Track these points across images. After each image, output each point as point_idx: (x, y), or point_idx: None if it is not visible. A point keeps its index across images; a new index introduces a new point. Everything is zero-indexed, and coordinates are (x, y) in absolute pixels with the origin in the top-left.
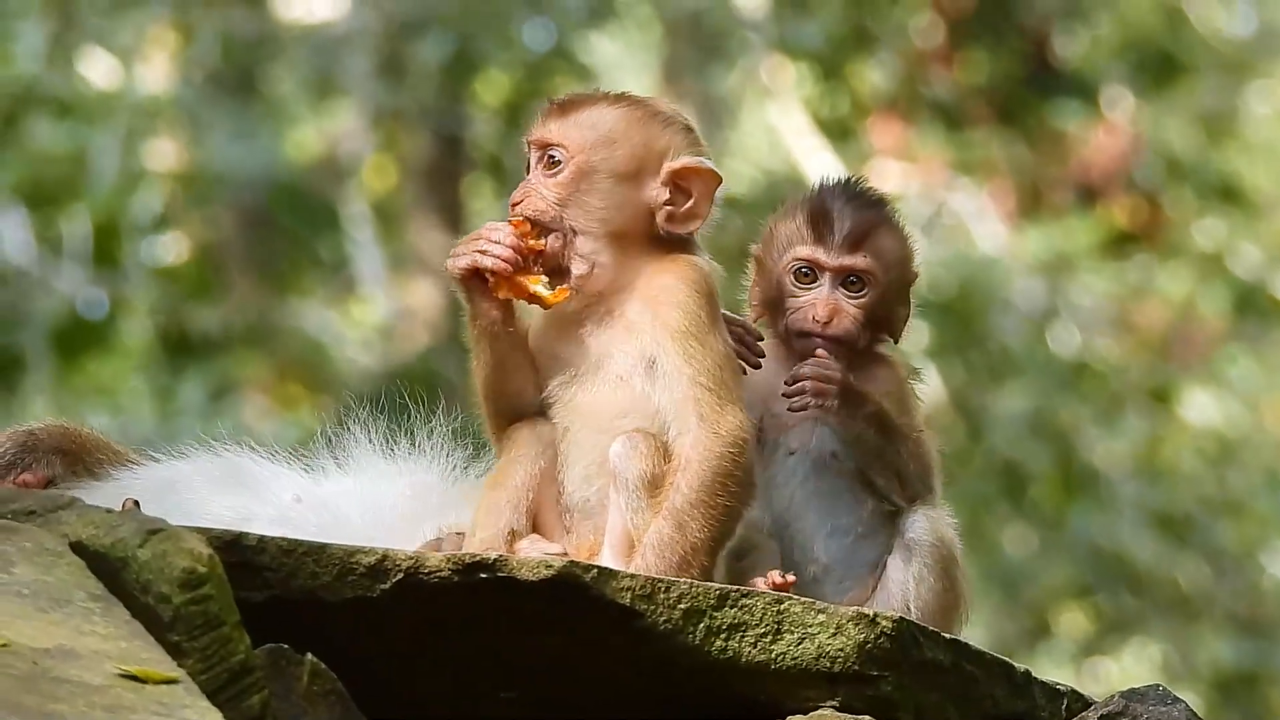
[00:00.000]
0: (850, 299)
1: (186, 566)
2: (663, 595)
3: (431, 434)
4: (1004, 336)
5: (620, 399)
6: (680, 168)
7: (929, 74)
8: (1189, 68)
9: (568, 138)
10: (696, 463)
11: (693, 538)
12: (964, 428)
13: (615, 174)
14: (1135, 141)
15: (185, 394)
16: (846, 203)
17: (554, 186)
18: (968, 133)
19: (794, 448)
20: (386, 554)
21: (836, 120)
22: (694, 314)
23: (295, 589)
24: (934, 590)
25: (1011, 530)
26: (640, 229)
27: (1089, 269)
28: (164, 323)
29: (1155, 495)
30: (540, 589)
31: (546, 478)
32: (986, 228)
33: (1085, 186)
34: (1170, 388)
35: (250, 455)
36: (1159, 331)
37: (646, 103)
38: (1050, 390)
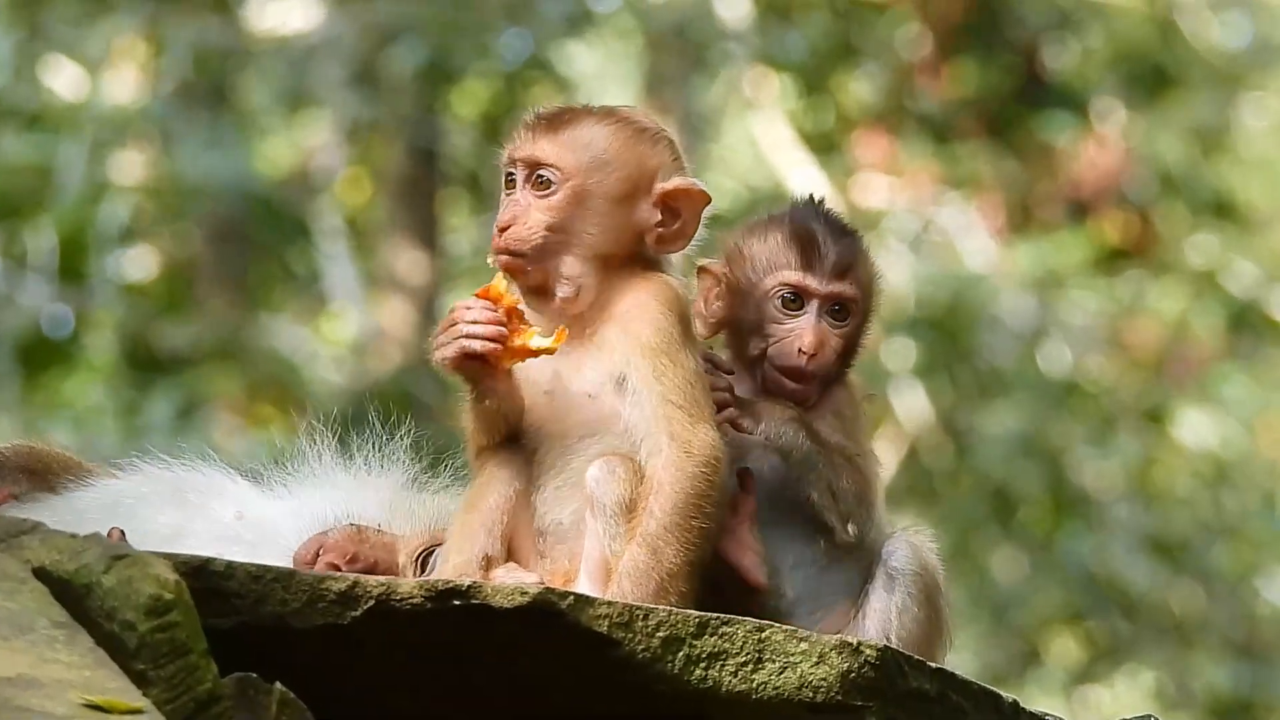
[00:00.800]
0: (834, 327)
1: (152, 593)
2: (641, 623)
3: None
4: (993, 355)
5: (589, 417)
6: (673, 189)
7: (916, 86)
8: (1181, 80)
9: (562, 159)
10: (669, 485)
11: (668, 563)
12: (952, 448)
13: (610, 197)
14: (1127, 156)
15: (152, 411)
16: (829, 228)
17: (546, 210)
18: (955, 147)
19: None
20: (358, 580)
21: (821, 134)
22: (665, 331)
23: (264, 616)
24: (917, 619)
25: (1000, 554)
26: (626, 250)
27: (1079, 286)
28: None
29: (1148, 518)
30: (515, 616)
31: (521, 500)
32: (975, 243)
33: (1076, 201)
34: (1163, 408)
35: (200, 471)
36: (1151, 350)
37: (634, 119)
38: (1040, 410)
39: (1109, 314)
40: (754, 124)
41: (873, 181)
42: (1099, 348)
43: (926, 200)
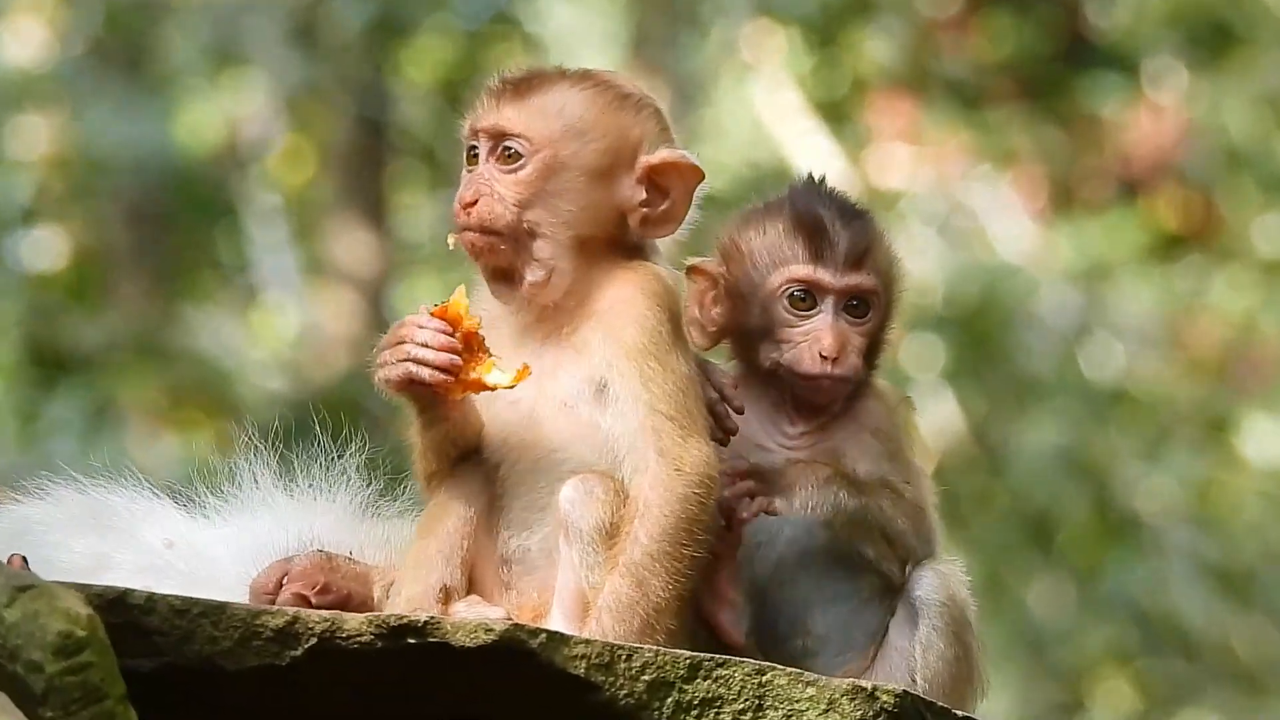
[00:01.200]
0: (854, 325)
1: (62, 630)
2: (623, 664)
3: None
4: (1031, 357)
5: (563, 430)
6: (659, 163)
7: (941, 45)
8: (1249, 40)
9: (530, 127)
10: (657, 507)
11: (656, 596)
12: (984, 464)
13: (587, 171)
14: (1185, 126)
15: (57, 416)
16: (837, 210)
17: (514, 185)
18: (987, 115)
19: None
20: (298, 615)
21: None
22: (653, 330)
23: (190, 655)
24: (944, 658)
25: (1040, 585)
26: (606, 233)
27: (1131, 277)
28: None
29: (1209, 544)
30: (479, 656)
31: (483, 523)
32: (1010, 228)
33: (1126, 179)
34: (1227, 418)
35: (122, 492)
36: (1214, 351)
37: (615, 83)
38: (1085, 421)
39: (1165, 309)
40: (754, 89)
41: (892, 155)
42: (1153, 348)
43: (954, 177)
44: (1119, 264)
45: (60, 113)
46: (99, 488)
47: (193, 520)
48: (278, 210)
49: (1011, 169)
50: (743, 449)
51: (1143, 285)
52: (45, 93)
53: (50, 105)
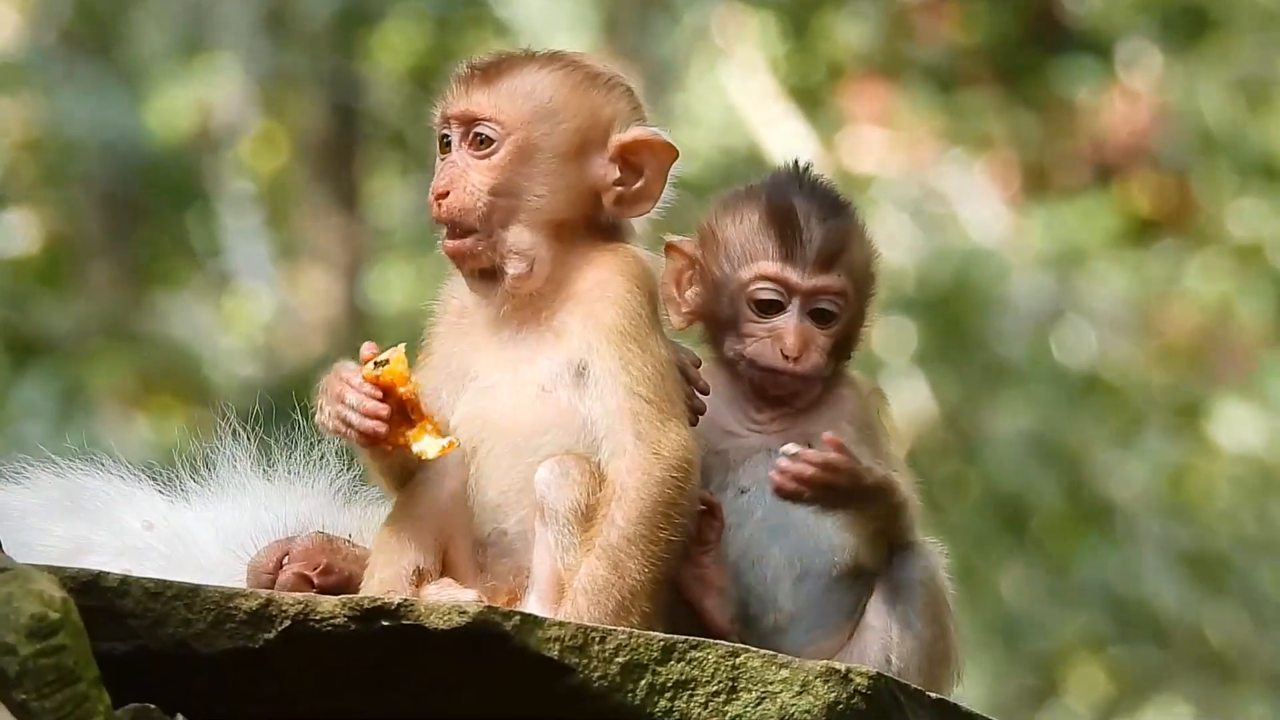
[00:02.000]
0: (821, 327)
1: (35, 612)
2: (597, 647)
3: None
4: (1003, 342)
5: (541, 415)
6: (631, 141)
7: (915, 29)
8: (1224, 23)
9: (501, 110)
10: (634, 490)
11: (631, 580)
12: (956, 450)
13: (559, 152)
14: (1159, 110)
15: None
16: (814, 206)
17: (487, 171)
18: (961, 99)
19: (746, 485)
20: (271, 598)
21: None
22: (634, 312)
23: (164, 638)
24: (921, 639)
25: (1012, 572)
26: (582, 214)
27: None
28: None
29: (1182, 532)
30: (453, 639)
31: (457, 504)
32: (983, 212)
33: (1100, 163)
34: (1201, 404)
35: (99, 475)
36: (1188, 337)
37: (584, 64)
38: (1058, 407)
39: (1138, 295)
40: (727, 74)
41: (865, 140)
42: (1126, 334)
43: (927, 162)
44: (1092, 249)
45: (32, 98)
46: (76, 471)
47: (172, 502)
48: (250, 196)
49: (985, 153)
50: (711, 434)
51: (1116, 270)
52: (16, 78)
53: (22, 90)
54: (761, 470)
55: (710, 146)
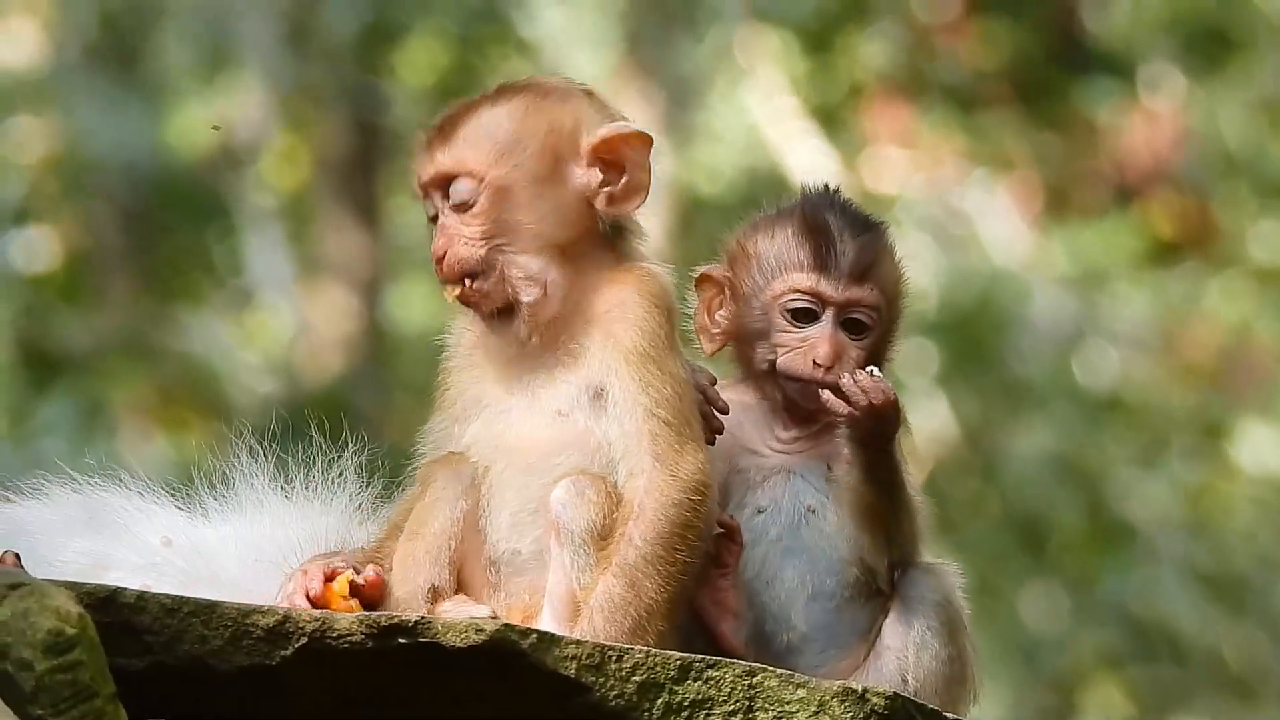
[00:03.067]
0: (853, 338)
1: (52, 628)
2: (614, 665)
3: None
4: (1024, 363)
5: (557, 437)
6: (602, 140)
7: (937, 49)
8: (1244, 46)
9: (466, 161)
10: (652, 511)
11: (648, 598)
12: (977, 469)
13: (536, 177)
14: (1181, 131)
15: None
16: (845, 221)
17: (474, 221)
18: (982, 119)
19: (764, 505)
20: (289, 614)
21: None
22: (652, 333)
23: (181, 654)
24: (938, 658)
25: (1032, 591)
26: (583, 228)
27: (1125, 283)
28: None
29: (1202, 551)
30: (469, 656)
31: (470, 524)
32: (1004, 232)
33: (1121, 185)
34: (1221, 425)
35: (118, 491)
36: (1209, 357)
37: (532, 84)
38: (1079, 427)
39: (1159, 316)
40: (748, 93)
41: (886, 160)
42: (1147, 355)
43: (949, 182)
44: (1114, 270)
45: (53, 114)
46: (95, 487)
47: (191, 518)
48: (271, 212)
49: (1006, 174)
50: (734, 453)
51: (1137, 291)
52: (38, 94)
53: (43, 107)
54: (780, 490)
55: (732, 165)
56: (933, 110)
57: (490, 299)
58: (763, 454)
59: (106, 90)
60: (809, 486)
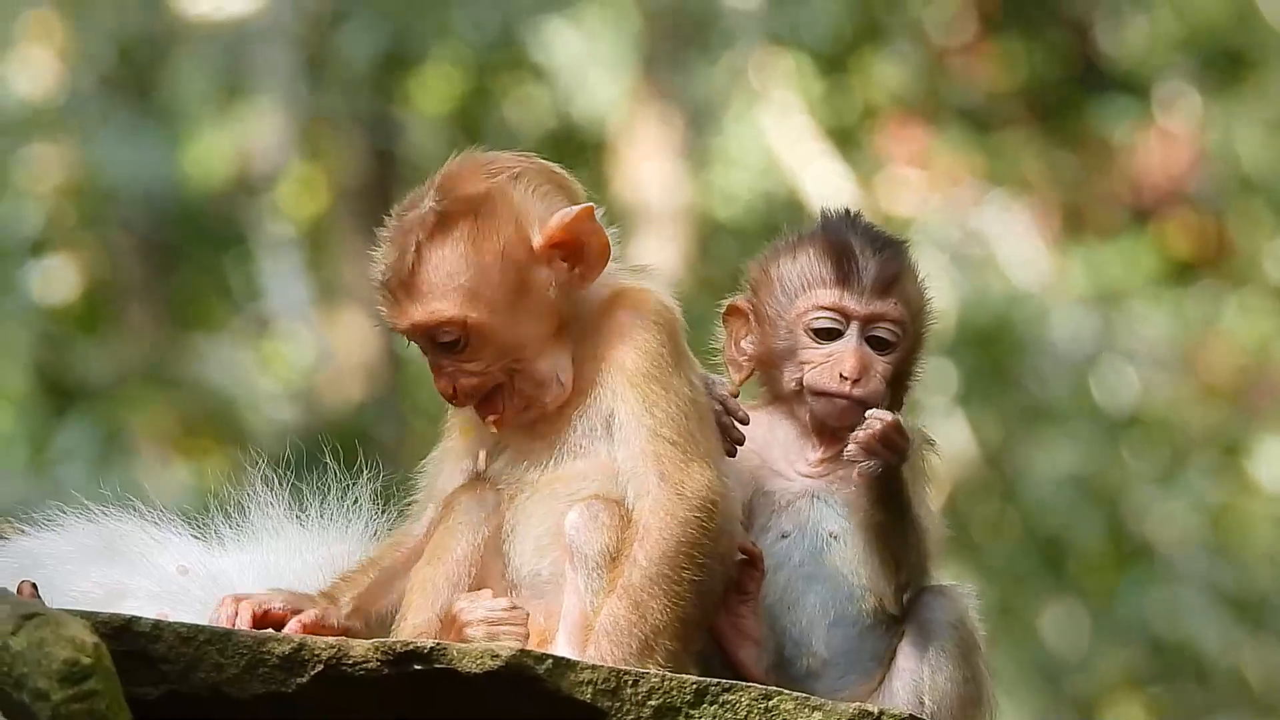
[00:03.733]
0: (879, 353)
1: (68, 657)
2: (630, 690)
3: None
4: (1043, 382)
5: (579, 465)
6: (549, 239)
7: (953, 70)
8: (1260, 66)
9: (441, 312)
10: (656, 530)
11: (654, 619)
12: (997, 489)
13: (509, 304)
14: (1197, 151)
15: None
16: (867, 240)
17: (469, 360)
18: (999, 140)
19: (788, 530)
20: (304, 642)
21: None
22: (654, 353)
23: (196, 683)
24: (953, 680)
25: (1053, 611)
26: (569, 307)
27: (1143, 302)
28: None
29: (1223, 570)
30: (485, 682)
31: (491, 548)
32: (1022, 253)
33: (1138, 204)
34: (1241, 443)
35: (133, 520)
36: (1227, 376)
37: (459, 195)
38: (1098, 446)
39: (1177, 335)
40: (764, 116)
41: (903, 181)
42: (1166, 374)
43: (966, 203)
44: (1131, 289)
45: (70, 143)
46: (111, 516)
47: (207, 547)
48: (288, 240)
49: (1023, 194)
50: (761, 476)
51: (1155, 310)
52: (55, 123)
53: (60, 136)
54: (805, 515)
55: (748, 188)
56: (948, 131)
57: (514, 409)
58: (789, 477)
59: (123, 119)
60: (833, 512)
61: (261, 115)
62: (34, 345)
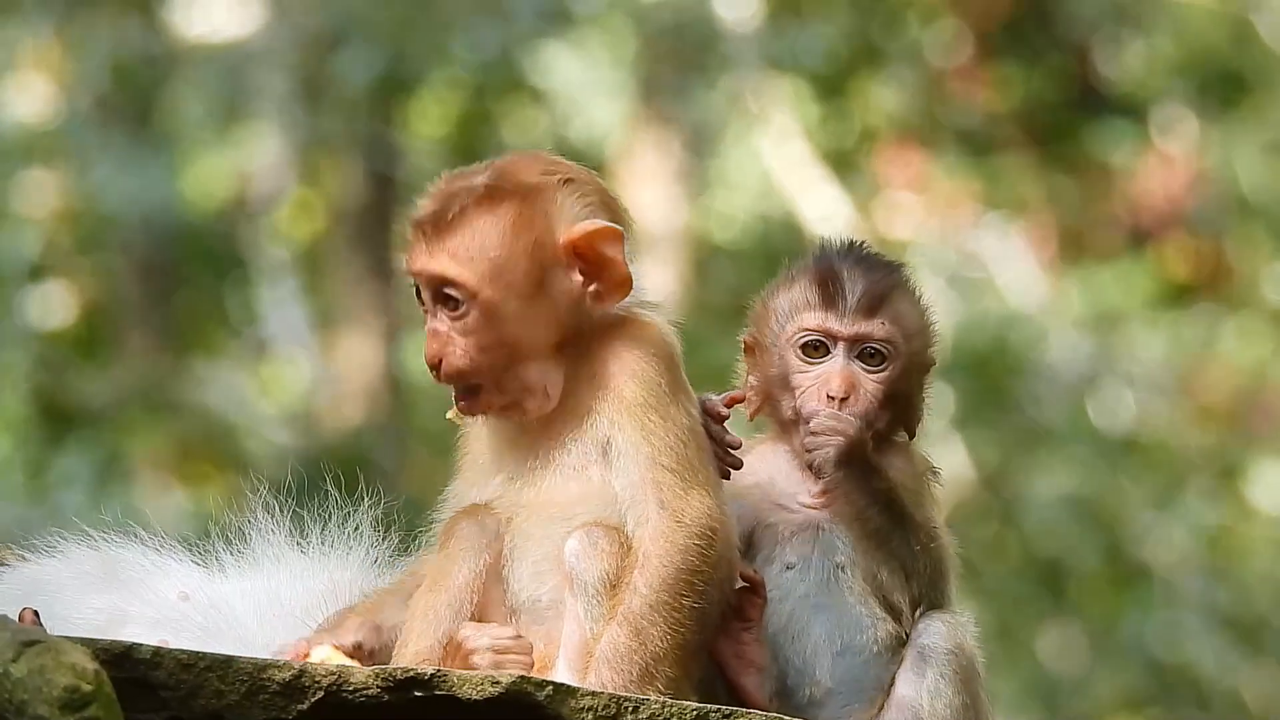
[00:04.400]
0: (869, 372)
1: (68, 684)
2: (630, 716)
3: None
4: (1041, 406)
5: (576, 491)
6: (574, 241)
7: (951, 94)
8: (1258, 89)
9: (459, 273)
10: (656, 558)
11: (654, 647)
12: (995, 512)
13: (525, 295)
14: (1195, 174)
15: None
16: (856, 263)
17: (467, 333)
18: (997, 163)
19: (792, 561)
20: (305, 669)
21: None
22: (652, 383)
23: (197, 710)
24: (952, 706)
25: (1051, 634)
26: (575, 324)
27: (1141, 325)
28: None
29: (1221, 593)
30: (486, 709)
31: (492, 574)
32: (1020, 276)
33: (1136, 227)
34: (1239, 466)
35: (134, 547)
36: (1224, 399)
37: (514, 179)
38: (1095, 469)
39: (1175, 358)
40: (762, 140)
41: (900, 205)
42: (1163, 397)
43: (963, 226)
44: (1129, 312)
45: (68, 168)
46: (111, 542)
47: (208, 573)
48: (287, 264)
49: (1021, 217)
50: (762, 507)
51: (1153, 334)
52: (52, 148)
53: (58, 160)
54: (809, 547)
55: (746, 211)
56: (946, 155)
57: (491, 406)
58: (792, 509)
59: (121, 143)
60: (838, 542)
61: (259, 139)
62: (32, 370)
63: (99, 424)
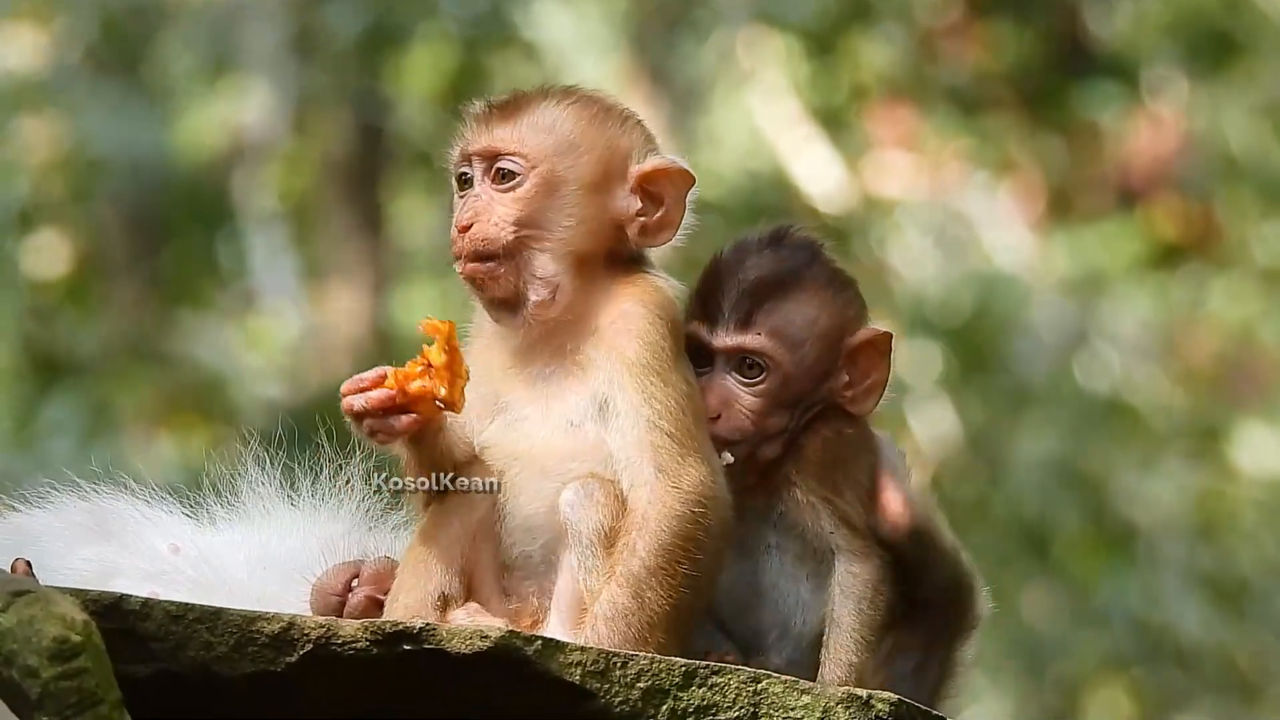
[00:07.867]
0: (746, 385)
1: (57, 635)
2: (619, 672)
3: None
4: (1026, 367)
5: (569, 446)
6: (650, 171)
7: (941, 52)
8: (1248, 50)
9: (524, 144)
10: (655, 522)
11: (651, 609)
12: (980, 473)
13: (583, 184)
14: (1184, 135)
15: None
16: (752, 266)
17: (512, 203)
18: (986, 122)
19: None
20: (293, 621)
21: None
22: (655, 345)
23: (185, 661)
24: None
25: (1035, 595)
26: (605, 246)
27: (1127, 286)
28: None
29: (1205, 555)
30: (475, 663)
31: (483, 530)
32: (1006, 236)
33: (1124, 188)
34: (1223, 428)
35: (124, 498)
36: (1210, 361)
37: (599, 98)
38: (1081, 431)
39: (1161, 319)
40: (751, 97)
41: (889, 163)
42: (1149, 358)
43: (951, 185)
44: (1116, 273)
45: (58, 117)
46: (102, 494)
47: (198, 525)
48: (276, 216)
49: (1009, 177)
50: None
51: (1139, 295)
52: (42, 97)
53: (48, 110)
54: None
55: (734, 169)
56: (935, 114)
57: (498, 286)
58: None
59: (111, 94)
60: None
61: (249, 91)
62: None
63: (87, 374)
